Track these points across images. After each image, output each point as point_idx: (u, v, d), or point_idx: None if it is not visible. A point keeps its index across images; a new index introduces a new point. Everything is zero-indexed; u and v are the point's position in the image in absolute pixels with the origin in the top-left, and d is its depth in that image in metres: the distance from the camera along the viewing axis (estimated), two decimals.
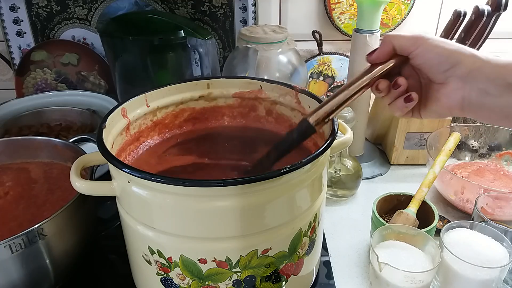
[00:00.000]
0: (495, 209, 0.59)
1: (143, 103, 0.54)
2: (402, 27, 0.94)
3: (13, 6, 0.89)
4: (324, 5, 0.91)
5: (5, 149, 0.62)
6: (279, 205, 0.41)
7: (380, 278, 0.48)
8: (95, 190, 0.44)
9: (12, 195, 0.56)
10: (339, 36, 0.95)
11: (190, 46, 0.77)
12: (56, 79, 0.94)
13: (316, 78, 0.97)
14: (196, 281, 0.43)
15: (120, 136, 0.51)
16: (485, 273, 0.48)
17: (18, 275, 0.46)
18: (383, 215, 0.63)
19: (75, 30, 0.92)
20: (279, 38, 0.74)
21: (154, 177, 0.37)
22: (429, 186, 0.61)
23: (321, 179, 0.46)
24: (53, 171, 0.60)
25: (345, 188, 0.71)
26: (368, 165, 0.80)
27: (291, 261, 0.46)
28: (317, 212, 0.47)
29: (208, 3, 0.89)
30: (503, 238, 0.50)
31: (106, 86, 0.95)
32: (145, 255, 0.44)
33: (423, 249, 0.51)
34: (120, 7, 0.90)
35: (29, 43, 0.93)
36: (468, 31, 0.66)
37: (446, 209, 0.70)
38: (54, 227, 0.47)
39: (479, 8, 0.63)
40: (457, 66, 0.38)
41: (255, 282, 0.44)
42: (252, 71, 0.73)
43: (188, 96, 0.58)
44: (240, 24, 0.91)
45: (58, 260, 0.50)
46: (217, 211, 0.39)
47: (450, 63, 0.38)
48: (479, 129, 0.77)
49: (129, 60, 0.80)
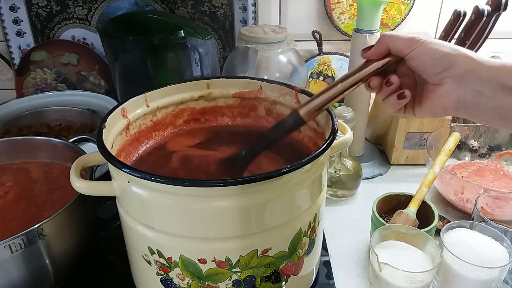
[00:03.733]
0: (495, 209, 0.59)
1: (143, 103, 0.54)
2: (402, 27, 0.94)
3: (13, 6, 0.89)
4: (324, 5, 0.91)
5: (5, 149, 0.62)
6: (279, 205, 0.41)
7: (380, 278, 0.48)
8: (95, 190, 0.44)
9: (12, 195, 0.56)
10: (339, 36, 0.95)
11: (190, 46, 0.77)
12: (56, 79, 0.94)
13: (316, 78, 0.97)
14: (196, 281, 0.43)
15: (120, 136, 0.51)
16: (485, 273, 0.48)
17: (18, 275, 0.46)
18: (383, 215, 0.63)
19: (75, 30, 0.92)
20: (279, 38, 0.74)
21: (154, 177, 0.37)
22: (429, 186, 0.61)
23: (321, 179, 0.46)
24: (53, 171, 0.60)
25: (345, 188, 0.71)
26: (368, 165, 0.80)
27: (291, 261, 0.46)
28: (317, 212, 0.47)
29: (208, 3, 0.89)
30: (503, 238, 0.50)
31: (106, 86, 0.95)
32: (145, 255, 0.44)
33: (423, 249, 0.51)
34: (120, 7, 0.90)
35: (29, 43, 0.93)
36: (468, 31, 0.66)
37: (446, 209, 0.70)
38: (54, 227, 0.47)
39: (479, 8, 0.63)
40: (452, 67, 0.38)
41: (255, 282, 0.44)
42: (252, 71, 0.73)
43: (188, 96, 0.58)
44: (240, 24, 0.91)
45: (58, 260, 0.50)
46: (217, 211, 0.39)
47: (445, 65, 0.39)
48: (479, 129, 0.77)
49: (129, 60, 0.80)
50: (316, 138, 0.53)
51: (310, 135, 0.55)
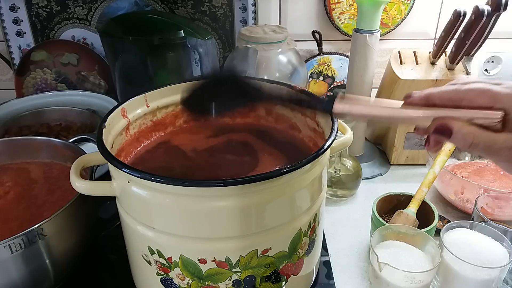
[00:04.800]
0: (495, 209, 0.59)
1: (143, 103, 0.54)
2: (402, 27, 0.94)
3: (13, 6, 0.89)
4: (324, 5, 0.91)
5: (5, 149, 0.62)
6: (279, 205, 0.41)
7: (380, 278, 0.48)
8: (95, 190, 0.44)
9: (12, 195, 0.56)
10: (339, 36, 0.95)
11: (190, 46, 0.77)
12: (56, 79, 0.94)
13: (316, 78, 0.97)
14: (196, 281, 0.43)
15: (120, 136, 0.51)
16: (485, 273, 0.47)
17: (18, 275, 0.46)
18: (383, 215, 0.63)
19: (75, 30, 0.92)
20: (279, 38, 0.74)
21: (154, 177, 0.37)
22: (429, 186, 0.61)
23: (321, 179, 0.46)
24: (53, 171, 0.60)
25: (345, 188, 0.71)
26: (368, 165, 0.80)
27: (291, 261, 0.46)
28: (317, 212, 0.47)
29: (208, 3, 0.89)
30: (503, 238, 0.50)
31: (106, 86, 0.95)
32: (145, 255, 0.44)
33: (423, 249, 0.51)
34: (120, 7, 0.90)
35: (29, 43, 0.93)
36: (468, 31, 0.66)
37: (446, 209, 0.70)
38: (54, 227, 0.47)
39: (479, 8, 0.63)
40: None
41: (255, 282, 0.44)
42: (252, 71, 0.73)
43: None
44: (240, 24, 0.91)
45: (58, 260, 0.50)
46: (217, 211, 0.39)
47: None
48: None
49: (129, 60, 0.80)
50: (316, 138, 0.53)
51: (310, 135, 0.55)
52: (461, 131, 0.34)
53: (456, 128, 0.35)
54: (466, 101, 0.35)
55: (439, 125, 0.35)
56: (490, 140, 0.34)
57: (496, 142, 0.34)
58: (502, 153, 0.34)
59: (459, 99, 0.35)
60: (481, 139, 0.34)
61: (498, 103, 0.34)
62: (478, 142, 0.34)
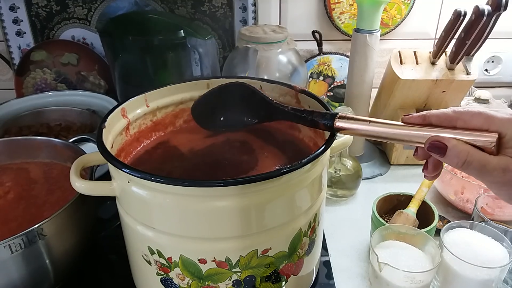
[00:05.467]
0: (495, 209, 0.59)
1: (143, 103, 0.54)
2: (402, 27, 0.94)
3: (13, 6, 0.89)
4: (324, 5, 0.91)
5: (5, 149, 0.62)
6: (279, 205, 0.41)
7: (380, 278, 0.48)
8: (95, 190, 0.44)
9: (12, 195, 0.56)
10: (339, 36, 0.95)
11: (190, 46, 0.77)
12: (55, 79, 0.94)
13: (316, 78, 0.97)
14: (196, 281, 0.43)
15: (120, 136, 0.51)
16: (485, 273, 0.47)
17: (18, 275, 0.46)
18: (383, 215, 0.63)
19: (74, 30, 0.92)
20: (279, 38, 0.74)
21: (154, 177, 0.37)
22: (429, 186, 0.62)
23: (321, 179, 0.46)
24: (53, 171, 0.60)
25: (345, 188, 0.71)
26: (368, 165, 0.80)
27: (291, 261, 0.46)
28: (317, 212, 0.47)
29: (208, 3, 0.89)
30: (503, 238, 0.50)
31: (105, 86, 0.95)
32: (145, 255, 0.44)
33: (423, 249, 0.51)
34: (120, 7, 0.90)
35: (28, 43, 0.93)
36: (468, 31, 0.66)
37: (446, 209, 0.70)
38: (54, 227, 0.47)
39: (479, 8, 0.63)
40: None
41: (255, 282, 0.44)
42: (252, 71, 0.73)
43: (188, 96, 0.58)
44: (240, 24, 0.91)
45: (58, 260, 0.50)
46: (217, 211, 0.39)
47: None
48: None
49: (128, 60, 0.80)
50: (316, 138, 0.53)
51: (310, 135, 0.55)
52: (456, 148, 0.35)
53: (451, 145, 0.35)
54: (461, 121, 0.36)
55: (435, 141, 0.36)
56: (483, 159, 0.35)
57: (489, 163, 0.34)
58: (495, 174, 0.35)
59: (455, 119, 0.36)
60: (475, 158, 0.35)
61: (492, 125, 0.35)
62: (471, 160, 0.35)
